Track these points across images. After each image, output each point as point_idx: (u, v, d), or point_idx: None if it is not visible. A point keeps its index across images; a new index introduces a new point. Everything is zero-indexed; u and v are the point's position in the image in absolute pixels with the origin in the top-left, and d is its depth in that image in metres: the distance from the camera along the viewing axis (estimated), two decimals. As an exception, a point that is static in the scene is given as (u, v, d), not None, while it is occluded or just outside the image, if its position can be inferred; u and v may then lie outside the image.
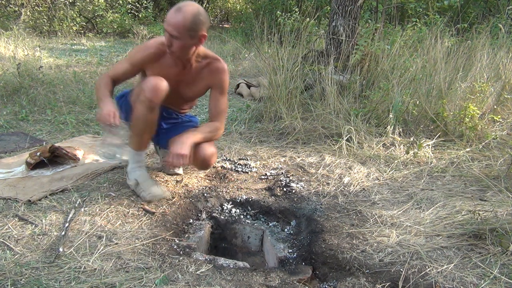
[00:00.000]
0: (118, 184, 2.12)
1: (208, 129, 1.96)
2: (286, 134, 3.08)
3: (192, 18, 1.68)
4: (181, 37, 1.70)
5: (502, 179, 2.27)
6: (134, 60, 1.91)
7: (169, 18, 1.69)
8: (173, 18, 1.68)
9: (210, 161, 1.96)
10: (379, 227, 1.79)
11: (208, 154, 1.93)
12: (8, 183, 2.06)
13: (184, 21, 1.67)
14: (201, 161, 1.94)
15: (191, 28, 1.69)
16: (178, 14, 1.68)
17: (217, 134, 2.01)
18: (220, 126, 2.00)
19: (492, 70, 3.32)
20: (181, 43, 1.73)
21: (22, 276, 1.35)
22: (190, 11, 1.68)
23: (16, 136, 2.84)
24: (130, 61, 1.93)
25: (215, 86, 1.97)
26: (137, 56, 1.91)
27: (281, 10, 4.78)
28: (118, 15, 10.16)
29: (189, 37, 1.72)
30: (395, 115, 2.91)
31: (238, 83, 4.80)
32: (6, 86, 3.76)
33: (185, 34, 1.70)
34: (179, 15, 1.67)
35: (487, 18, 4.86)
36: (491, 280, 1.41)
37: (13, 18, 8.64)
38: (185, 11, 1.67)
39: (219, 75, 1.95)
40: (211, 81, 1.96)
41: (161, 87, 1.79)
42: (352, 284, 1.43)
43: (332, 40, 4.18)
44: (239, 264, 1.60)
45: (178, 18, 1.67)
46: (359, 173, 2.39)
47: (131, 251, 1.54)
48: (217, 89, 1.98)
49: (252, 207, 2.11)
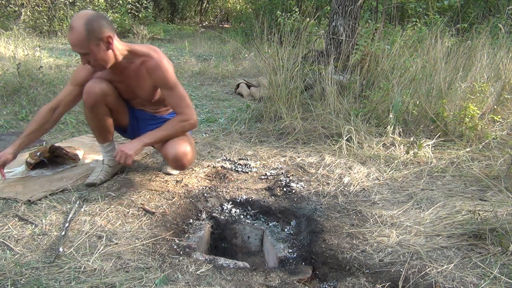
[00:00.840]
0: (118, 184, 2.12)
1: (170, 125, 1.96)
2: (286, 134, 3.08)
3: (86, 28, 1.68)
4: (88, 50, 1.72)
5: (502, 179, 2.27)
6: (78, 79, 2.00)
7: (69, 40, 1.72)
8: (71, 39, 1.71)
9: (182, 160, 1.95)
10: (379, 227, 1.79)
11: (180, 152, 1.92)
12: (8, 183, 2.06)
13: (79, 35, 1.68)
14: (172, 159, 1.94)
15: (90, 37, 1.69)
16: (72, 32, 1.69)
17: (186, 125, 1.98)
18: (185, 117, 1.96)
19: (492, 70, 3.31)
20: (93, 55, 1.75)
21: (22, 276, 1.35)
22: (80, 24, 1.68)
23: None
24: (72, 82, 2.02)
25: (159, 85, 1.97)
26: (80, 75, 2.00)
27: (281, 10, 4.78)
28: (118, 15, 10.17)
29: (96, 46, 1.73)
30: (395, 115, 2.91)
31: (238, 83, 4.80)
32: (6, 86, 3.77)
33: (89, 45, 1.71)
34: (73, 33, 1.69)
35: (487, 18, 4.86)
36: (491, 280, 1.41)
37: (13, 18, 8.64)
38: (76, 26, 1.68)
39: (156, 73, 1.91)
40: (153, 81, 1.95)
41: (93, 90, 1.94)
42: (352, 284, 1.43)
43: (332, 40, 4.18)
44: (239, 264, 1.60)
45: (74, 36, 1.69)
46: (359, 173, 2.39)
47: (131, 251, 1.54)
48: (163, 88, 1.97)
49: (252, 207, 2.11)
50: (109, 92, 1.98)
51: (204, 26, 13.70)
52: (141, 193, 2.03)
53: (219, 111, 3.94)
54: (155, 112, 2.20)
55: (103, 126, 2.09)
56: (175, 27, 12.11)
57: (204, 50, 7.95)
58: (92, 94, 1.94)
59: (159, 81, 1.93)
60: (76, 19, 1.69)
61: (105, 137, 2.15)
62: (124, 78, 1.97)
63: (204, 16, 16.20)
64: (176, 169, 2.18)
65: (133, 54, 1.90)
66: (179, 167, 2.06)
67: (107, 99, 1.99)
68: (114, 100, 2.03)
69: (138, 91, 2.03)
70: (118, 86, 2.03)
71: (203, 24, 14.73)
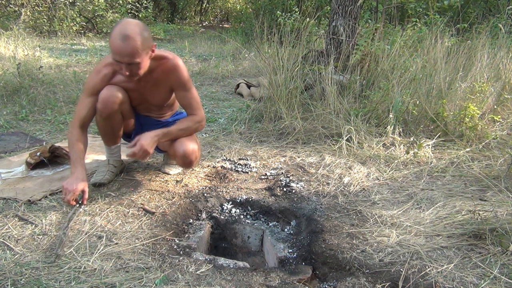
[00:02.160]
0: (118, 184, 2.12)
1: (185, 124, 1.97)
2: (286, 134, 3.08)
3: (141, 37, 1.66)
4: (140, 60, 1.70)
5: (502, 179, 2.27)
6: (95, 88, 1.91)
7: (120, 50, 1.65)
8: (125, 49, 1.64)
9: (190, 156, 1.95)
10: (379, 227, 1.79)
11: (189, 150, 1.93)
12: (8, 183, 2.06)
13: (136, 44, 1.65)
14: (182, 156, 1.95)
15: (144, 47, 1.69)
16: (128, 41, 1.64)
17: (198, 126, 2.01)
18: (198, 118, 1.99)
19: (492, 70, 3.31)
20: (141, 64, 1.73)
21: (22, 276, 1.35)
22: (136, 32, 1.65)
23: (16, 136, 2.84)
24: (91, 92, 1.92)
25: (174, 86, 1.96)
26: (95, 84, 1.91)
27: (281, 10, 4.78)
28: (118, 15, 10.17)
29: (146, 55, 1.73)
30: (395, 115, 2.91)
31: (238, 83, 4.80)
32: (6, 86, 3.77)
33: (142, 55, 1.70)
34: (130, 42, 1.64)
35: (487, 18, 4.85)
36: (491, 280, 1.41)
37: (13, 18, 8.64)
38: (132, 35, 1.64)
39: (173, 74, 1.91)
40: (169, 82, 1.95)
41: (111, 99, 1.88)
42: (352, 284, 1.43)
43: (332, 40, 4.18)
44: (239, 264, 1.60)
45: (130, 45, 1.64)
46: (359, 173, 2.39)
47: (131, 251, 1.54)
48: (178, 88, 1.97)
49: (252, 207, 2.11)
50: (125, 100, 1.95)
51: (204, 26, 13.71)
52: (141, 193, 2.03)
53: (219, 111, 3.94)
54: (160, 117, 2.20)
55: (114, 132, 2.08)
56: (175, 27, 12.11)
57: (204, 50, 7.95)
58: (109, 103, 1.89)
59: (176, 81, 1.93)
60: (129, 27, 1.65)
61: (115, 141, 2.15)
62: (140, 86, 1.94)
63: (204, 16, 16.20)
64: (183, 166, 2.18)
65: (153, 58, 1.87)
66: (187, 164, 2.05)
67: (122, 107, 1.96)
68: (127, 107, 2.01)
69: (151, 97, 2.02)
70: (130, 93, 1.99)
71: (203, 24, 14.73)
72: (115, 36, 1.65)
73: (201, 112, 2.01)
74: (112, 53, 1.69)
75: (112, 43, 1.66)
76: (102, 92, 1.89)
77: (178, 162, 2.12)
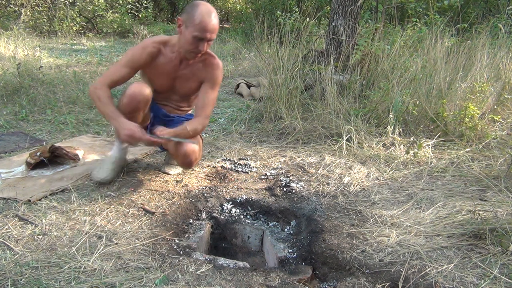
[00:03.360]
0: (118, 184, 2.12)
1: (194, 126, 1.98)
2: (286, 134, 3.08)
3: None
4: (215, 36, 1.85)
5: (502, 179, 2.27)
6: (134, 62, 1.93)
7: (212, 26, 1.79)
8: (213, 24, 1.79)
9: (190, 156, 1.96)
10: (379, 227, 1.79)
11: (190, 149, 1.95)
12: (8, 183, 2.06)
13: (218, 21, 1.81)
14: (183, 155, 1.96)
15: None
16: (216, 18, 1.79)
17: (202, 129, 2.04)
18: (204, 121, 2.02)
19: (492, 70, 3.31)
20: (211, 41, 1.86)
21: (22, 276, 1.35)
22: (214, 11, 1.80)
23: (16, 136, 2.84)
24: (129, 64, 1.94)
25: (207, 79, 2.01)
26: (135, 58, 1.93)
27: (281, 10, 4.78)
28: (118, 15, 10.18)
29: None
30: (395, 115, 2.91)
31: (238, 83, 4.80)
32: (6, 86, 3.76)
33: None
34: (215, 19, 1.79)
35: (487, 18, 4.86)
36: (491, 280, 1.41)
37: (13, 18, 8.64)
38: (215, 13, 1.79)
39: (213, 70, 2.01)
40: (204, 75, 2.01)
41: (138, 97, 1.90)
42: (352, 284, 1.43)
43: (332, 40, 4.18)
44: (239, 264, 1.60)
45: (216, 21, 1.79)
46: (359, 173, 2.39)
47: (131, 251, 1.54)
48: (208, 83, 2.01)
49: (252, 207, 2.11)
50: (150, 98, 1.97)
51: (204, 26, 13.67)
52: (141, 193, 2.03)
53: (219, 111, 3.94)
54: (176, 110, 2.21)
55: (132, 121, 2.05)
56: (175, 27, 12.09)
57: (204, 50, 7.93)
58: (135, 101, 1.90)
59: (211, 76, 2.01)
60: (210, 7, 1.80)
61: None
62: (178, 68, 2.00)
63: (204, 16, 16.17)
64: (183, 166, 2.19)
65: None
66: (187, 164, 2.05)
67: (146, 105, 1.98)
68: (148, 105, 2.02)
69: (181, 84, 2.05)
70: (162, 78, 2.02)
71: (203, 24, 14.69)
72: (205, 14, 1.76)
73: (209, 115, 2.06)
74: (200, 30, 1.78)
75: (202, 21, 1.76)
76: (132, 87, 1.91)
77: (178, 161, 2.12)
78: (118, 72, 1.93)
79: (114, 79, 1.92)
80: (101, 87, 1.88)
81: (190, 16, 1.79)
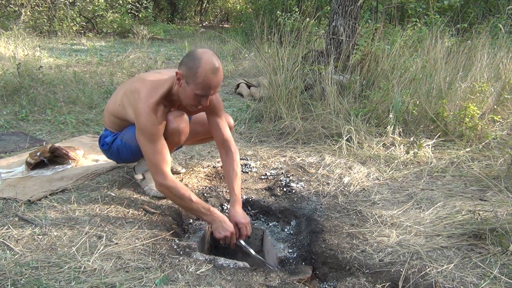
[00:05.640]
0: (118, 184, 2.12)
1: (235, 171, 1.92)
2: (286, 134, 3.08)
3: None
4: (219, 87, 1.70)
5: (502, 179, 2.27)
6: (160, 132, 1.76)
7: (216, 83, 1.63)
8: (217, 81, 1.63)
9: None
10: (379, 227, 1.79)
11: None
12: (8, 183, 2.06)
13: (221, 72, 1.66)
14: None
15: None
16: (220, 73, 1.63)
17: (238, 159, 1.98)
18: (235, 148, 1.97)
19: (492, 70, 3.31)
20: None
21: (22, 276, 1.35)
22: (217, 61, 1.62)
23: (16, 136, 2.84)
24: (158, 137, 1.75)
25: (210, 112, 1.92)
26: (158, 128, 1.75)
27: (281, 10, 4.78)
28: (118, 15, 10.18)
29: None
30: (395, 115, 2.91)
31: (238, 83, 4.80)
32: (6, 86, 3.77)
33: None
34: (219, 72, 1.62)
35: (487, 18, 4.85)
36: (491, 280, 1.41)
37: (13, 18, 8.64)
38: (217, 62, 1.62)
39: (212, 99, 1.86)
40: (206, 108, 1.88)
41: (186, 131, 1.85)
42: (352, 284, 1.43)
43: (332, 40, 4.18)
44: (239, 264, 1.60)
45: (220, 75, 1.63)
46: (359, 173, 2.39)
47: (131, 251, 1.54)
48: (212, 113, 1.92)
49: (252, 207, 2.11)
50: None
51: (204, 26, 13.70)
52: (141, 193, 2.03)
53: (219, 111, 3.93)
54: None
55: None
56: (175, 27, 12.11)
57: (204, 50, 7.92)
58: (183, 135, 1.85)
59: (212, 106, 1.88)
60: (214, 58, 1.61)
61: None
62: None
63: (204, 16, 16.20)
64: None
65: None
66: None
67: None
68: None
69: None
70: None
71: (203, 24, 14.72)
72: (208, 71, 1.59)
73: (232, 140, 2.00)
74: (203, 89, 1.62)
75: (205, 79, 1.59)
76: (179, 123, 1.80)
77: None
78: (162, 152, 1.76)
79: (166, 158, 1.77)
80: (172, 179, 1.75)
81: (191, 72, 1.60)
